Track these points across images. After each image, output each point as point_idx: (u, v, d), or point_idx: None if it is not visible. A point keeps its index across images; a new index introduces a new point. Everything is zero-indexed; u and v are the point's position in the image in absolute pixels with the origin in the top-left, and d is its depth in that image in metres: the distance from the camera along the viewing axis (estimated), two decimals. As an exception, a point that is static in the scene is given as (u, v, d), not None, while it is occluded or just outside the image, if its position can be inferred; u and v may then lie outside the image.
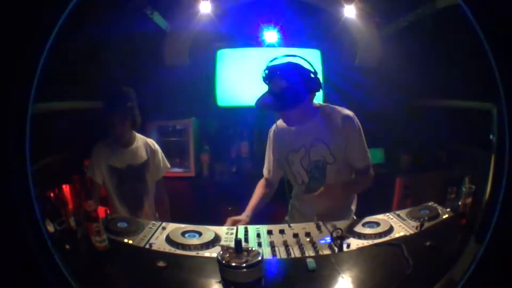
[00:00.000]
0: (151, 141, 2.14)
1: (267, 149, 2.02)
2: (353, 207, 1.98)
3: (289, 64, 1.76)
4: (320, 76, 1.80)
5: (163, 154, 2.17)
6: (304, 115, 1.80)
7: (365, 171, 1.85)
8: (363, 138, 1.83)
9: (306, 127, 1.82)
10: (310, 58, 1.82)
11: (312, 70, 1.77)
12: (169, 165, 2.21)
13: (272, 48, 3.06)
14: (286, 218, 2.04)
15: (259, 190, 1.98)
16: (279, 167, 1.98)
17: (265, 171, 2.02)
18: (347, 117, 1.80)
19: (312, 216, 1.73)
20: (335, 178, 1.84)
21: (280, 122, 1.91)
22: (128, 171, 2.03)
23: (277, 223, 1.74)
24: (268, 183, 2.01)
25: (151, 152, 2.11)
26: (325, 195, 1.68)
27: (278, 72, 1.72)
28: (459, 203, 1.60)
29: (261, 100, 1.75)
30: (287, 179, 1.96)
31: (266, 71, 1.76)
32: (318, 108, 1.85)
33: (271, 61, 1.79)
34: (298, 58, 1.79)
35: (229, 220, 1.77)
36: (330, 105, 1.86)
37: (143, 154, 2.08)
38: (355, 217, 1.96)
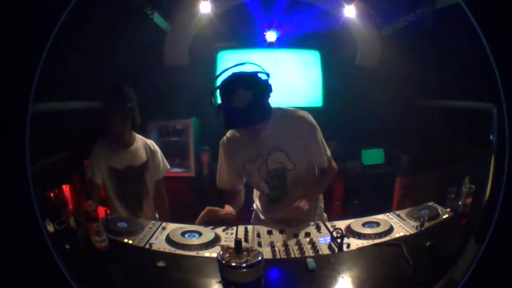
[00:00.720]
0: (150, 142, 2.14)
1: (219, 162, 1.87)
2: (323, 213, 1.94)
3: (249, 73, 1.60)
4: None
5: (162, 155, 2.17)
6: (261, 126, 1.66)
7: (329, 167, 1.82)
8: (321, 135, 1.76)
9: (262, 135, 1.68)
10: (309, 59, 1.79)
11: (267, 74, 1.63)
12: (168, 166, 2.21)
13: (272, 48, 3.07)
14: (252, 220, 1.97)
15: (228, 199, 1.85)
16: (231, 179, 1.87)
17: (220, 186, 1.89)
18: (301, 118, 1.71)
19: (278, 222, 1.69)
20: (296, 184, 1.76)
21: (230, 133, 1.79)
22: (127, 172, 2.03)
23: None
24: (231, 194, 1.88)
25: (151, 153, 2.10)
26: (294, 211, 1.62)
27: (242, 84, 1.53)
28: (459, 203, 1.60)
29: (235, 119, 1.57)
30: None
31: (225, 85, 1.58)
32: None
33: (220, 74, 1.64)
34: (248, 65, 1.65)
35: (213, 212, 1.67)
36: (281, 108, 1.73)
37: (143, 155, 2.08)
38: (325, 215, 1.95)
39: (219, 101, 1.62)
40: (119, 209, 2.02)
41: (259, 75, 1.61)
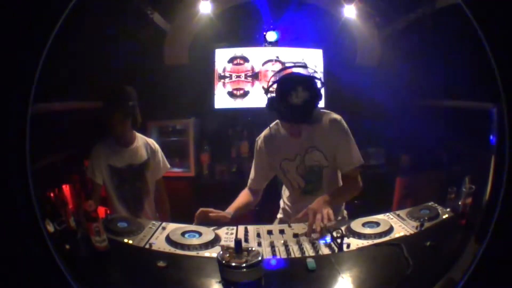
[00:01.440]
0: (151, 141, 2.14)
1: (255, 159, 1.96)
2: (344, 210, 1.99)
3: (309, 76, 1.76)
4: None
5: (163, 154, 2.17)
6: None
7: (354, 175, 1.84)
8: (353, 140, 1.83)
9: (299, 134, 1.81)
10: (312, 58, 1.81)
11: (322, 80, 1.76)
12: (169, 165, 2.21)
13: (272, 48, 3.07)
14: (279, 215, 2.03)
15: (243, 197, 1.93)
16: (267, 177, 1.97)
17: (251, 182, 1.97)
18: (335, 120, 1.81)
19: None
20: (331, 181, 1.86)
21: (268, 131, 1.89)
22: (128, 171, 2.03)
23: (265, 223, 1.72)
24: (253, 193, 1.96)
25: (151, 151, 2.10)
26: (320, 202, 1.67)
27: (302, 84, 1.67)
28: (459, 203, 1.59)
29: (292, 114, 1.70)
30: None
31: (284, 82, 1.72)
32: None
33: (280, 71, 1.77)
34: (305, 67, 1.81)
35: (205, 213, 1.71)
36: (319, 110, 1.83)
37: (143, 154, 2.08)
38: (345, 212, 1.99)
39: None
40: (120, 208, 2.02)
41: (316, 80, 1.74)
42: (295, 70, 1.81)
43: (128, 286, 1.31)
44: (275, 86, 1.74)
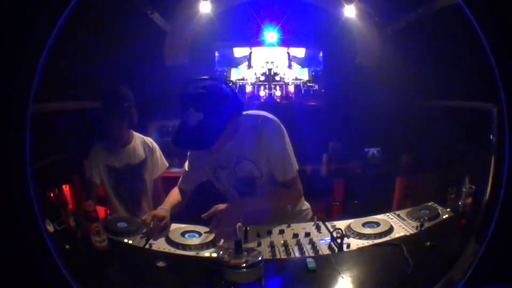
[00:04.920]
0: (149, 140, 2.14)
1: (190, 158, 1.83)
2: (303, 208, 1.86)
3: (204, 90, 1.47)
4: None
5: (161, 153, 2.16)
6: (225, 139, 1.57)
7: (288, 184, 1.67)
8: (286, 146, 1.64)
9: (228, 146, 1.62)
10: (312, 57, 1.76)
11: (233, 90, 1.57)
12: (167, 164, 2.20)
13: (272, 47, 3.08)
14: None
15: (175, 196, 1.82)
16: (199, 179, 1.86)
17: (182, 181, 1.85)
18: (265, 126, 1.61)
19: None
20: (267, 189, 1.69)
21: None
22: (126, 170, 2.03)
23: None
24: (182, 193, 1.85)
25: (149, 150, 2.10)
26: (227, 213, 1.53)
27: (192, 103, 1.44)
28: (459, 203, 1.60)
29: (182, 138, 1.50)
30: None
31: (180, 97, 1.49)
32: (240, 120, 1.62)
33: (184, 85, 1.52)
34: (210, 80, 1.52)
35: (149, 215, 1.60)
36: (251, 114, 1.67)
37: (141, 153, 2.08)
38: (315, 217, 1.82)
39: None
40: (119, 208, 2.02)
41: (217, 90, 1.49)
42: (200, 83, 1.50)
43: (128, 286, 1.31)
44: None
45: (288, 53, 3.19)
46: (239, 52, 3.18)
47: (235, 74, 3.20)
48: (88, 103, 2.18)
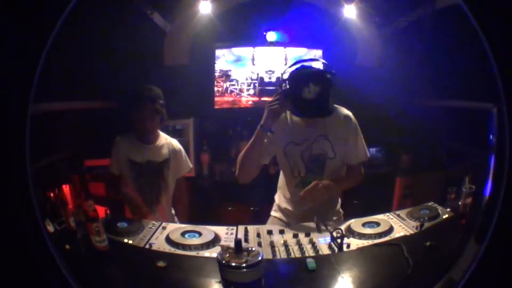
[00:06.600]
0: (174, 141, 2.17)
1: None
2: (340, 209, 1.98)
3: (320, 70, 1.78)
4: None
5: (186, 155, 2.20)
6: None
7: (358, 168, 1.91)
8: (361, 136, 1.88)
9: (312, 122, 1.82)
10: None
11: (333, 71, 1.76)
12: (191, 165, 2.23)
13: (272, 47, 3.08)
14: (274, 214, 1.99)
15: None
16: (270, 156, 1.91)
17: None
18: (347, 115, 1.86)
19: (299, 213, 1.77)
20: (332, 174, 1.84)
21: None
22: (148, 166, 2.05)
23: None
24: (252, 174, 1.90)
25: (173, 151, 2.13)
26: (316, 188, 1.69)
27: (312, 79, 1.69)
28: (459, 203, 1.60)
29: (306, 109, 1.72)
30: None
31: (298, 76, 1.72)
32: None
33: (292, 65, 1.78)
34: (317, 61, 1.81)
35: None
36: (332, 104, 1.82)
37: (165, 152, 2.10)
38: (342, 212, 1.98)
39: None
40: (135, 196, 2.03)
41: (326, 72, 1.75)
42: (307, 64, 1.80)
43: (128, 286, 1.31)
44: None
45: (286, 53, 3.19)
46: (239, 52, 3.18)
47: (235, 74, 3.21)
48: (88, 103, 2.19)
